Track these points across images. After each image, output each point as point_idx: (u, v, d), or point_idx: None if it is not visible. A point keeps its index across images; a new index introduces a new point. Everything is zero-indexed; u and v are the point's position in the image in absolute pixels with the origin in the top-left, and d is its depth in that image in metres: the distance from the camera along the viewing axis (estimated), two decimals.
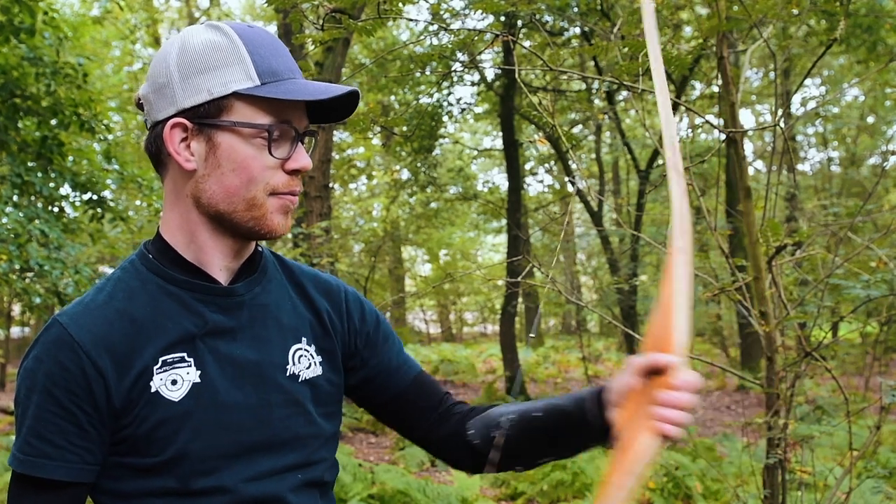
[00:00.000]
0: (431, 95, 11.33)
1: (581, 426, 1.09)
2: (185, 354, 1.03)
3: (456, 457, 1.24)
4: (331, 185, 10.45)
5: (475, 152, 18.23)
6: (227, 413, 1.04)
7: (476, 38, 2.30)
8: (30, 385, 1.00)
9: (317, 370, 1.15)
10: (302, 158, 1.05)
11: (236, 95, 1.01)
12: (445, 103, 11.97)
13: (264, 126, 1.02)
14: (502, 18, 8.75)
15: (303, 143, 1.07)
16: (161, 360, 1.02)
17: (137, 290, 1.06)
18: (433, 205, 15.71)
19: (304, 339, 1.15)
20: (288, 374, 1.11)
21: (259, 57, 1.02)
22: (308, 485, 1.11)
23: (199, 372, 1.04)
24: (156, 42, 16.10)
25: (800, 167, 16.51)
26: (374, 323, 1.26)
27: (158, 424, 1.00)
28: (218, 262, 1.09)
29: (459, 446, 1.22)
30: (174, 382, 1.02)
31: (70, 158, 6.18)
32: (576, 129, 12.87)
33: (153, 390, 1.01)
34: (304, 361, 1.14)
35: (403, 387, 1.24)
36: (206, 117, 1.02)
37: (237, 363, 1.06)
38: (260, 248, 1.17)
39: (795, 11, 2.50)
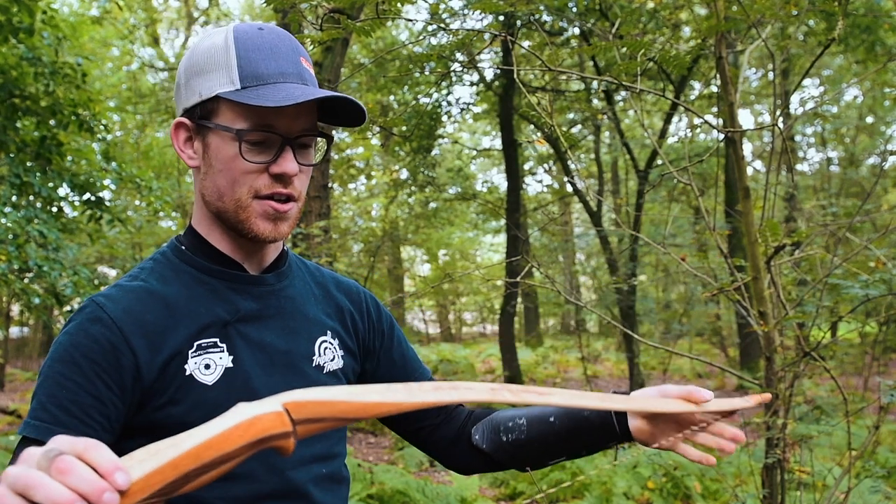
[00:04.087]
0: (430, 95, 11.32)
1: (602, 429, 1.12)
2: (217, 340, 1.05)
3: (458, 460, 1.27)
4: (330, 184, 10.44)
5: (474, 152, 18.22)
6: (257, 398, 1.05)
7: (475, 38, 2.30)
8: (55, 355, 0.99)
9: (339, 363, 1.17)
10: (285, 164, 1.03)
11: (220, 99, 1.03)
12: (444, 103, 11.96)
13: (237, 130, 1.02)
14: (501, 18, 8.75)
15: (293, 147, 1.04)
16: (196, 343, 1.03)
17: (171, 278, 1.08)
18: (432, 205, 15.71)
19: (328, 332, 1.18)
20: (314, 364, 1.13)
21: (247, 61, 1.02)
22: (329, 479, 1.12)
23: (231, 357, 1.05)
24: (155, 42, 16.08)
25: (798, 167, 16.52)
26: (389, 325, 1.29)
27: (192, 408, 1.01)
28: (239, 258, 1.11)
29: (463, 450, 1.25)
30: (207, 367, 1.03)
31: (69, 158, 6.17)
32: (575, 129, 12.86)
33: (187, 373, 1.01)
34: (329, 353, 1.16)
35: None
36: (200, 118, 1.05)
37: (267, 350, 1.08)
38: (286, 248, 1.19)
39: (794, 12, 2.50)
